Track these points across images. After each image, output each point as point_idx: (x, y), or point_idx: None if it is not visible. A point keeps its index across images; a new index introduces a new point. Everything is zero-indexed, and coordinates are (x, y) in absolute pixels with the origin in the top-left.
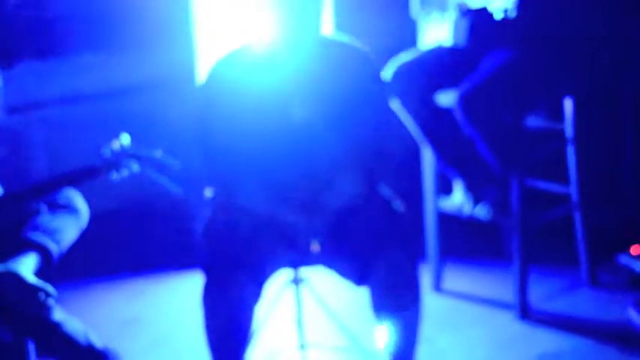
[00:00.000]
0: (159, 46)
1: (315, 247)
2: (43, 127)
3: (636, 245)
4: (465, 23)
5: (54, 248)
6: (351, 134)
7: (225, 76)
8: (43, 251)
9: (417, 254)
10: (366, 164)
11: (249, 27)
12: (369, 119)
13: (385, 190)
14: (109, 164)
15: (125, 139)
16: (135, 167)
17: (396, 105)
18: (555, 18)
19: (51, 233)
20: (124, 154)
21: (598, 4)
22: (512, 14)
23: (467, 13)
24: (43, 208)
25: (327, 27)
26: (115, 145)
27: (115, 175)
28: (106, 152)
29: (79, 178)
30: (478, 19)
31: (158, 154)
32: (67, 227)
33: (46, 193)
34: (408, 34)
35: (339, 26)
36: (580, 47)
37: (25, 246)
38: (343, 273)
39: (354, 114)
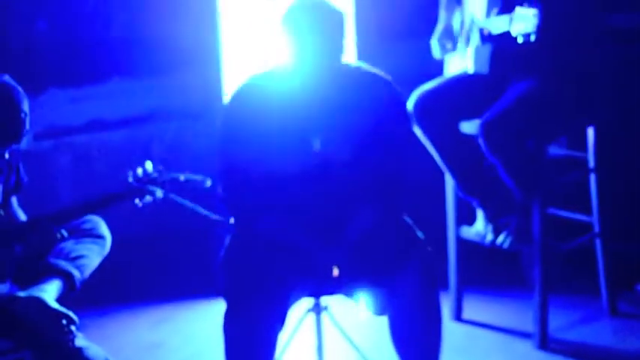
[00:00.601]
0: (186, 72)
1: (336, 274)
2: (69, 153)
3: None
4: (486, 50)
5: (77, 274)
6: (372, 162)
7: (247, 102)
8: (66, 277)
9: (438, 283)
10: (387, 192)
11: (274, 53)
12: (390, 147)
13: (406, 218)
14: (132, 191)
15: (148, 165)
16: (158, 193)
17: (418, 133)
18: (578, 46)
19: (74, 259)
20: (147, 180)
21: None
22: (534, 38)
23: (489, 39)
24: (67, 234)
25: (350, 55)
26: (139, 171)
27: (138, 202)
28: (130, 178)
29: (103, 204)
30: (500, 45)
31: (181, 177)
32: (91, 253)
33: (70, 219)
34: (432, 63)
35: (362, 55)
36: (602, 75)
37: (49, 272)
38: (363, 301)
39: (376, 141)
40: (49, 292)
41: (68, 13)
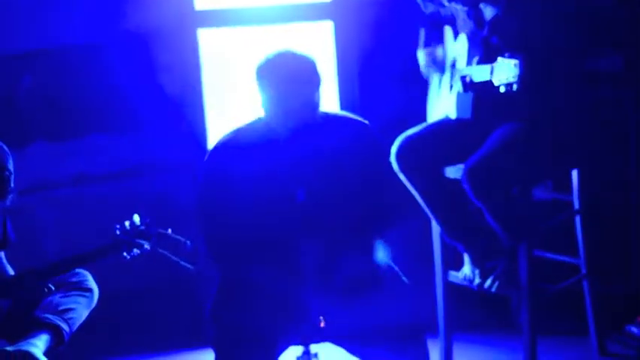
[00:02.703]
0: (171, 125)
1: (323, 323)
2: (54, 207)
3: None
4: (469, 97)
5: (65, 328)
6: (356, 209)
7: (227, 156)
8: (54, 331)
9: (425, 330)
10: (373, 239)
11: (257, 104)
12: (373, 192)
13: (393, 265)
14: (120, 244)
15: (136, 218)
16: (146, 246)
17: (402, 178)
18: (558, 92)
19: (62, 313)
20: (134, 233)
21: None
22: (516, 88)
23: (470, 86)
24: (54, 288)
25: (331, 101)
26: (126, 224)
27: (126, 255)
28: (117, 232)
29: (90, 258)
30: (482, 92)
31: (168, 232)
32: (78, 307)
33: (58, 273)
34: (417, 108)
35: (344, 100)
36: (583, 118)
37: (37, 326)
38: (351, 350)
39: (358, 188)
40: (38, 346)
41: (53, 68)
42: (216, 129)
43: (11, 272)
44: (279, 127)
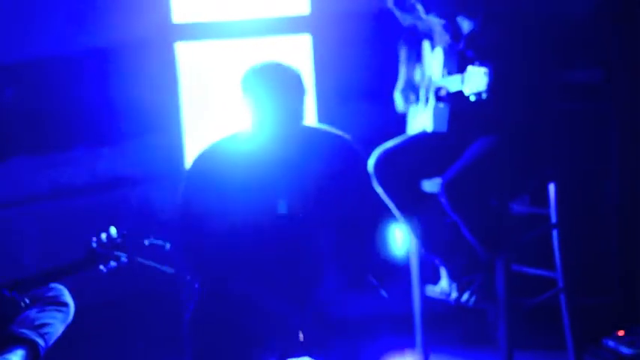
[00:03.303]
0: (149, 137)
1: (301, 338)
2: (33, 220)
3: (622, 330)
4: (444, 109)
5: (41, 343)
6: (336, 222)
7: (209, 166)
8: (30, 346)
9: (404, 344)
10: (352, 252)
11: (235, 117)
12: (353, 206)
13: (371, 279)
14: (96, 257)
15: (112, 231)
16: (122, 259)
17: (379, 191)
18: (534, 104)
19: (38, 327)
20: (111, 245)
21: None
22: (485, 97)
23: (446, 98)
24: (30, 302)
25: (310, 115)
26: (102, 237)
27: (102, 268)
28: (94, 244)
29: (66, 272)
30: (457, 104)
31: (146, 242)
32: (54, 321)
33: (33, 287)
34: (392, 123)
35: (322, 115)
36: (557, 131)
37: (12, 340)
38: None
39: (338, 202)
40: None
41: (33, 81)
42: (194, 141)
43: None
44: (262, 137)
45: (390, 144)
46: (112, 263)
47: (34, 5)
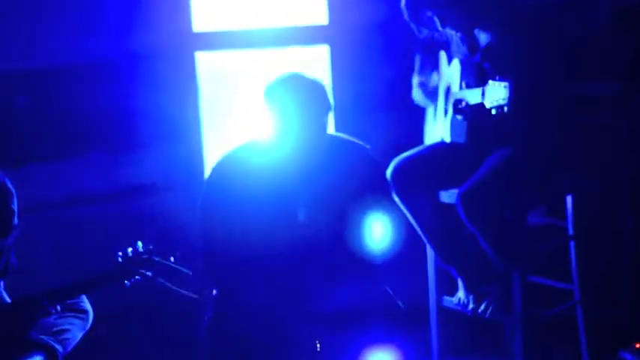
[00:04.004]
0: (168, 145)
1: (318, 348)
2: (50, 228)
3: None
4: (463, 120)
5: (59, 349)
6: (355, 232)
7: (229, 174)
8: (48, 352)
9: (420, 353)
10: (369, 262)
11: (254, 126)
12: (371, 216)
13: (388, 289)
14: (122, 272)
15: (139, 245)
16: (148, 274)
17: (396, 201)
18: (552, 117)
19: (56, 334)
20: (137, 261)
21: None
22: (506, 110)
23: (464, 109)
24: (50, 309)
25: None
26: (129, 251)
27: (127, 283)
28: (120, 259)
29: (91, 287)
30: (476, 115)
31: (171, 260)
32: (73, 328)
33: (59, 301)
34: (412, 133)
35: (340, 125)
36: (575, 143)
37: (31, 347)
38: None
39: (357, 212)
40: None
41: (48, 87)
42: (213, 151)
43: (7, 299)
44: (285, 146)
45: (407, 154)
46: (137, 278)
47: (52, 13)
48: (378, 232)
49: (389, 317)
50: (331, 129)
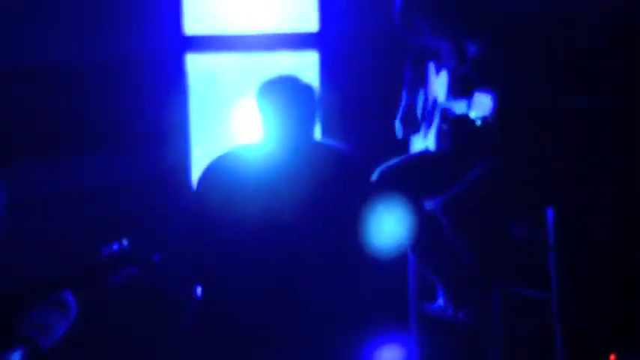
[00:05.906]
0: (157, 145)
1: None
2: (39, 224)
3: (614, 354)
4: (448, 130)
5: (42, 342)
6: (339, 237)
7: (218, 176)
8: (31, 345)
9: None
10: (353, 266)
11: (244, 129)
12: (356, 221)
13: (370, 293)
14: (106, 267)
15: (125, 242)
16: (132, 271)
17: (381, 207)
18: (531, 124)
19: (39, 327)
20: (122, 257)
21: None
22: (491, 121)
23: (450, 119)
24: (33, 302)
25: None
26: (114, 247)
27: (112, 279)
28: (104, 254)
29: (77, 280)
30: (461, 125)
31: (155, 257)
32: (56, 321)
33: (42, 294)
34: (399, 141)
35: (328, 132)
36: (557, 155)
37: (14, 340)
38: None
39: (342, 216)
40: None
41: (44, 85)
42: (201, 152)
43: None
44: (271, 148)
45: (393, 162)
46: (121, 273)
47: (41, 13)
48: (363, 234)
49: (375, 317)
50: (318, 135)
